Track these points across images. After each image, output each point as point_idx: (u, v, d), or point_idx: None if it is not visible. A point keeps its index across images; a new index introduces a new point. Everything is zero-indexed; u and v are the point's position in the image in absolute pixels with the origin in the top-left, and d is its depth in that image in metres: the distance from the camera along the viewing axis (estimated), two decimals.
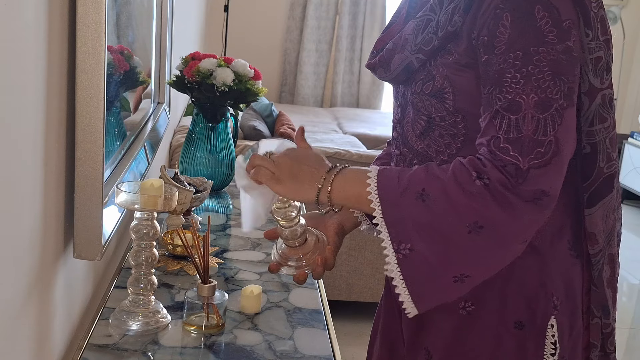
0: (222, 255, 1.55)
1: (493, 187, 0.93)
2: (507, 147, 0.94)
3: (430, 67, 1.06)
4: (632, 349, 3.24)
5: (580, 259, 1.11)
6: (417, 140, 1.11)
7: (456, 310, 1.09)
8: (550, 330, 1.07)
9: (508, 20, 0.97)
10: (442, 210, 0.95)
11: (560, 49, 0.97)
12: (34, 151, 0.93)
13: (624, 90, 6.22)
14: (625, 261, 4.22)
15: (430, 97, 1.07)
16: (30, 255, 0.96)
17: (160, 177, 1.56)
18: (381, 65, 1.14)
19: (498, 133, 0.96)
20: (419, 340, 1.15)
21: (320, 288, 1.42)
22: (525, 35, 0.96)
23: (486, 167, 0.95)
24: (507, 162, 0.94)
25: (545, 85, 0.96)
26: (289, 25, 5.78)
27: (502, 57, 0.97)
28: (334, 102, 5.90)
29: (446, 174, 0.96)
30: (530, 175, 0.94)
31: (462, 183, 0.94)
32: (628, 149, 5.34)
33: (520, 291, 1.07)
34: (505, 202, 0.93)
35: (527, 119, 0.95)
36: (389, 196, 0.98)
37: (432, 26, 1.05)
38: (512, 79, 0.96)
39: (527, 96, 0.95)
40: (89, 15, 1.01)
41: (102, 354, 1.11)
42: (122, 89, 1.44)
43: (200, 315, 1.20)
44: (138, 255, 1.20)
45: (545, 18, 0.96)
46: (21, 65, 0.86)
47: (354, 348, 2.71)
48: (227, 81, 1.84)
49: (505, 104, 0.96)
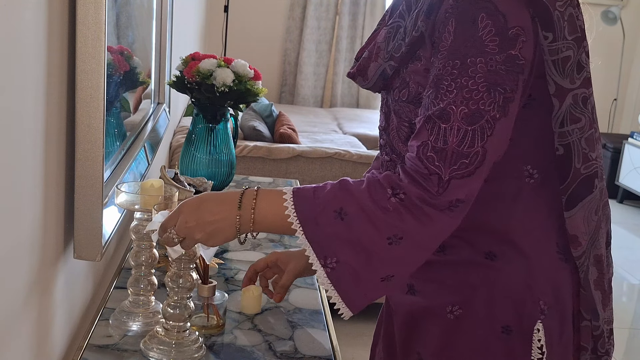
0: (222, 255, 1.55)
1: (408, 201, 0.96)
2: (433, 157, 0.96)
3: (404, 74, 1.06)
4: (632, 349, 3.24)
5: (570, 262, 1.10)
6: (403, 146, 1.11)
7: (444, 314, 1.09)
8: (537, 334, 1.07)
9: (452, 27, 0.96)
10: (362, 226, 0.97)
11: (500, 59, 0.95)
12: (34, 151, 0.93)
13: (623, 90, 6.22)
14: (625, 261, 4.23)
15: (407, 103, 1.07)
16: (30, 256, 0.96)
17: (160, 177, 1.56)
18: (359, 74, 1.15)
19: (428, 139, 0.97)
20: (411, 345, 1.15)
21: (320, 288, 1.42)
22: (465, 45, 0.96)
23: (402, 182, 0.97)
24: (431, 171, 0.96)
25: (478, 97, 0.95)
26: (289, 26, 5.78)
27: (442, 62, 0.97)
28: (333, 102, 5.89)
29: (361, 192, 0.98)
30: (451, 186, 0.95)
31: (377, 200, 0.96)
32: (628, 149, 5.33)
33: (507, 295, 1.07)
34: (421, 214, 0.96)
35: (454, 130, 0.95)
36: (308, 216, 0.99)
37: (401, 32, 1.06)
38: (448, 87, 0.96)
39: (457, 107, 0.95)
40: (89, 16, 1.01)
41: (102, 354, 1.11)
42: (122, 89, 1.44)
43: (200, 316, 1.20)
44: (138, 255, 1.20)
45: (488, 27, 0.95)
46: (21, 66, 0.86)
47: (354, 348, 2.71)
48: (227, 81, 1.84)
49: (438, 111, 0.97)
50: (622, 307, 3.67)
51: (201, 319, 1.20)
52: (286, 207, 1.00)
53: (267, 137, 3.31)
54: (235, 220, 1.01)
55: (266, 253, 1.58)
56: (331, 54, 5.85)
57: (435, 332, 1.11)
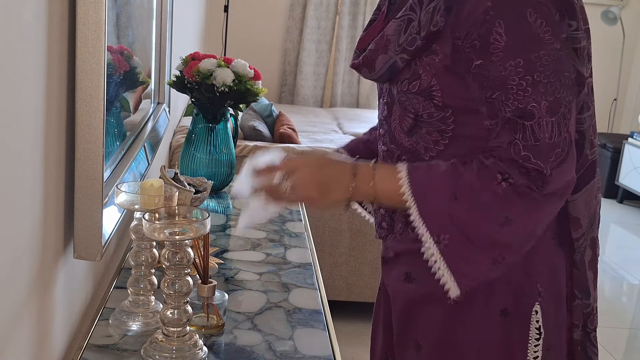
0: (222, 255, 1.55)
1: (517, 187, 1.00)
2: (528, 155, 0.99)
3: (416, 67, 1.07)
4: (632, 349, 3.23)
5: (563, 247, 1.14)
6: (404, 137, 1.13)
7: (444, 301, 1.11)
8: (535, 316, 1.11)
9: (502, 28, 0.98)
10: (474, 207, 1.01)
11: (558, 46, 0.99)
12: (34, 151, 0.93)
13: (623, 90, 6.22)
14: (625, 261, 4.23)
15: (417, 95, 1.08)
16: (30, 256, 0.96)
17: (160, 177, 1.56)
18: (365, 65, 1.15)
19: (515, 139, 1.00)
20: (407, 333, 1.17)
21: (320, 288, 1.42)
22: (523, 42, 0.98)
23: (511, 170, 1.00)
24: (530, 169, 0.99)
25: (552, 88, 0.98)
26: (289, 25, 5.78)
27: (501, 64, 0.98)
28: (333, 102, 5.89)
29: (472, 175, 1.02)
30: (553, 176, 0.99)
31: (489, 185, 1.00)
32: (628, 149, 5.33)
33: (506, 280, 1.10)
34: (530, 200, 1.00)
35: (542, 126, 0.99)
36: (422, 193, 1.03)
37: (414, 26, 1.06)
38: (518, 87, 0.98)
39: (538, 103, 0.98)
40: (89, 16, 1.01)
41: (102, 354, 1.11)
42: (122, 89, 1.44)
43: (200, 316, 1.20)
44: (138, 255, 1.20)
45: (538, 20, 0.98)
46: (21, 66, 0.86)
47: (354, 348, 2.71)
48: (227, 81, 1.84)
49: (517, 111, 0.99)
50: (622, 307, 3.67)
51: (201, 319, 1.20)
52: (401, 184, 1.04)
53: (267, 137, 3.31)
54: (348, 190, 1.06)
55: (266, 253, 1.58)
56: (331, 54, 5.85)
57: (435, 319, 1.13)
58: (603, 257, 4.14)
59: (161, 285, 1.07)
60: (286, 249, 1.62)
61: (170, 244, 1.03)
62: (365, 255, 2.95)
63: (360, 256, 2.95)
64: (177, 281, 1.05)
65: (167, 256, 1.04)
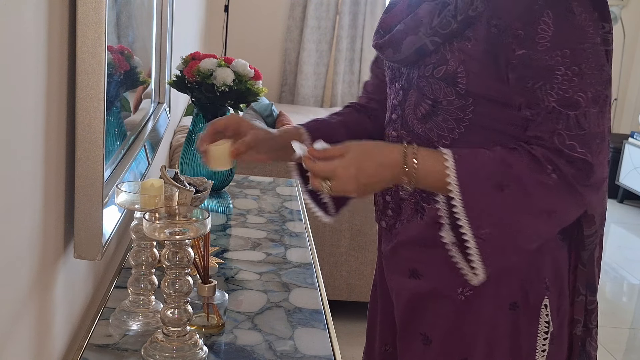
0: (222, 255, 1.55)
1: (566, 180, 1.00)
2: (574, 145, 1.00)
3: (445, 51, 1.06)
4: (632, 349, 3.23)
5: (567, 241, 1.15)
6: (418, 123, 1.12)
7: (454, 295, 1.12)
8: (544, 310, 1.12)
9: (550, 18, 0.99)
10: (519, 199, 1.01)
11: (599, 40, 1.01)
12: (34, 151, 0.93)
13: (624, 90, 6.22)
14: (625, 261, 4.23)
15: (440, 80, 1.07)
16: (30, 255, 0.96)
17: (161, 177, 1.56)
18: (391, 45, 1.13)
19: (558, 129, 1.00)
20: (413, 326, 1.17)
21: (320, 288, 1.42)
22: (571, 34, 0.99)
23: (559, 160, 1.00)
24: (575, 158, 1.00)
25: (595, 80, 1.00)
26: (289, 25, 5.77)
27: (547, 54, 0.99)
28: (334, 102, 5.89)
29: (521, 165, 1.01)
30: (596, 166, 1.01)
31: (538, 175, 1.00)
32: (628, 149, 5.33)
33: (515, 274, 1.11)
34: (575, 192, 1.01)
35: (588, 115, 1.00)
36: (468, 182, 1.02)
37: (450, 9, 1.05)
38: (564, 76, 0.99)
39: (585, 93, 0.99)
40: (89, 15, 1.01)
41: (102, 354, 1.11)
42: (122, 89, 1.44)
43: (200, 315, 1.20)
44: (138, 255, 1.20)
45: (583, 14, 1.00)
46: (21, 65, 0.86)
47: (354, 348, 2.70)
48: (227, 81, 1.84)
49: (563, 100, 1.00)
50: (622, 307, 3.67)
51: (201, 319, 1.20)
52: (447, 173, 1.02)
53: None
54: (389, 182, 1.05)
55: (266, 253, 1.58)
56: (331, 53, 5.85)
57: (444, 313, 1.14)
58: (603, 257, 4.13)
59: (161, 285, 1.07)
60: (286, 248, 1.62)
61: (171, 244, 1.04)
62: (366, 255, 2.94)
63: (360, 256, 2.95)
64: (178, 281, 1.05)
65: (168, 256, 1.04)
